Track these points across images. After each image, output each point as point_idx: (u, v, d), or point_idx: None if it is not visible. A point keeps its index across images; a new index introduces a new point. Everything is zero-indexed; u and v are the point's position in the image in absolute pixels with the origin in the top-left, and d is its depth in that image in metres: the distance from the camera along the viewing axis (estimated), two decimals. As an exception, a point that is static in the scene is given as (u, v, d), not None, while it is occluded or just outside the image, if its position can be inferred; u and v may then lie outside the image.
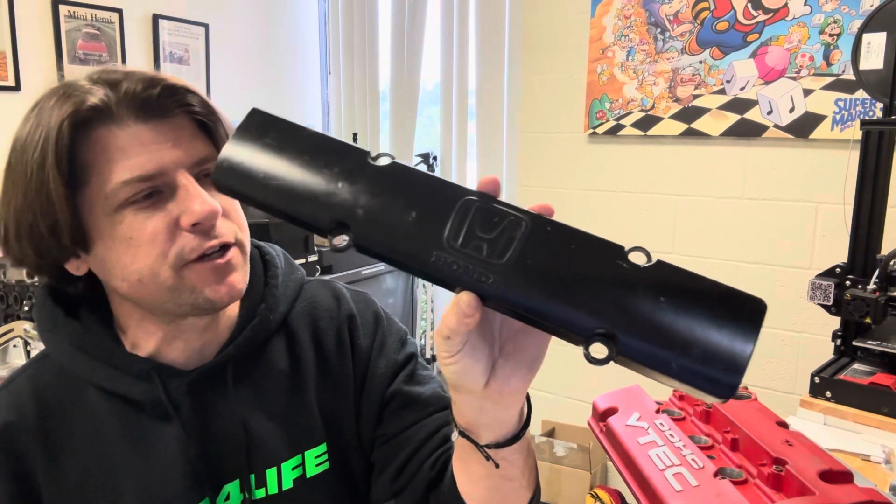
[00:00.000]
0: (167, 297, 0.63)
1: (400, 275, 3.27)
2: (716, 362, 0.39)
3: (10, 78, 2.36)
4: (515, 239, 0.43)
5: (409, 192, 0.46)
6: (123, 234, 0.61)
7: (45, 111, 0.60)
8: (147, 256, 0.61)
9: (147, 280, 0.62)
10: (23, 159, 0.60)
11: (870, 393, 1.13)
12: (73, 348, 0.67)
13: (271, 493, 0.71)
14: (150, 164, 0.61)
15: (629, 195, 2.35)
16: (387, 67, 3.35)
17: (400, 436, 0.75)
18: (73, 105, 0.59)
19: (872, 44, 1.26)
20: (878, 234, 1.26)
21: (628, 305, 0.42)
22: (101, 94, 0.60)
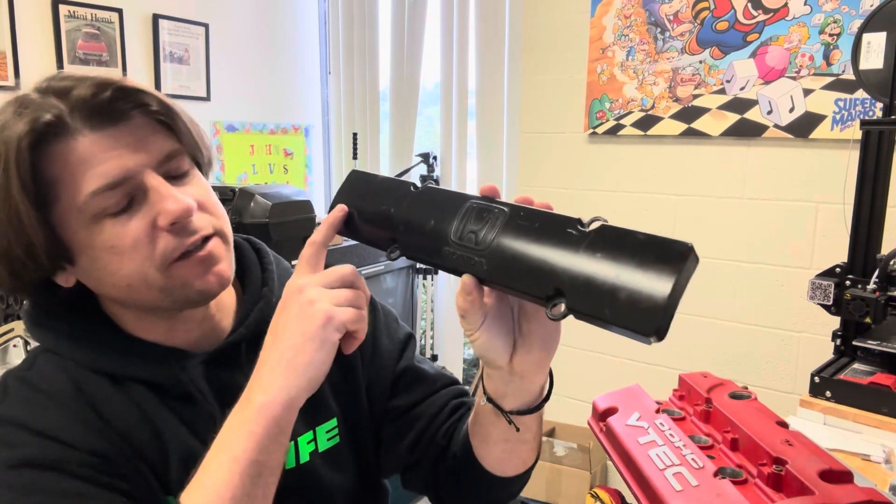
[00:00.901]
0: (160, 296, 0.65)
1: (400, 275, 3.28)
2: (640, 303, 0.44)
3: (10, 78, 2.36)
4: (496, 227, 0.53)
5: (431, 207, 0.58)
6: (105, 243, 0.62)
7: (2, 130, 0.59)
8: (132, 262, 0.62)
9: (137, 284, 0.64)
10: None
11: (870, 393, 1.13)
12: (77, 342, 0.68)
13: (289, 467, 0.74)
14: (114, 171, 0.60)
15: (629, 195, 2.35)
16: (387, 67, 3.36)
17: (412, 410, 0.81)
18: (27, 123, 0.58)
19: (872, 44, 1.26)
20: (878, 234, 1.26)
21: (572, 265, 0.48)
22: (52, 107, 0.59)
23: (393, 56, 3.31)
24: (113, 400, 0.66)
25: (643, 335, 0.44)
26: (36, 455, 0.60)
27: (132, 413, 0.66)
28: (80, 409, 0.64)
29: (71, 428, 0.63)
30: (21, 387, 0.65)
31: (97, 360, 0.67)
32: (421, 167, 3.24)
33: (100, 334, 0.68)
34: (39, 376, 0.66)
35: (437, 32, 3.15)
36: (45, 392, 0.64)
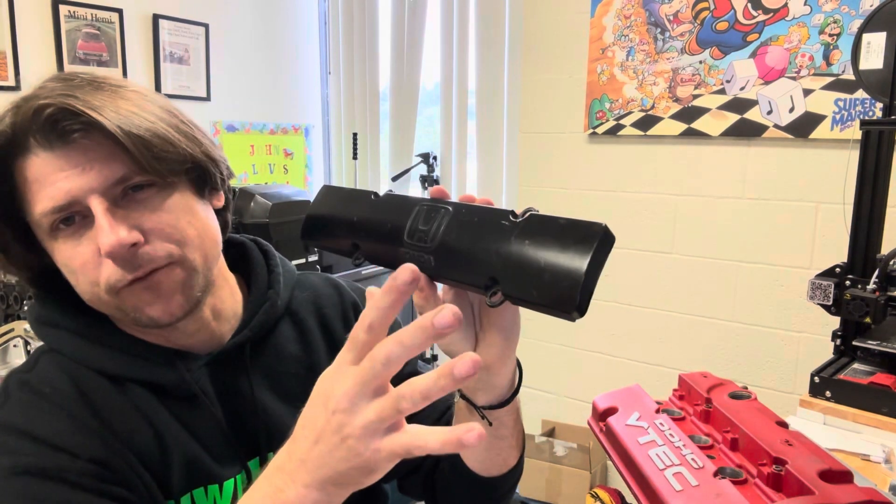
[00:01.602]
0: (120, 314, 0.65)
1: (400, 275, 3.27)
2: (561, 283, 0.46)
3: (10, 78, 2.36)
4: (441, 226, 0.55)
5: (387, 212, 0.60)
6: (60, 260, 0.63)
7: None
8: (84, 283, 0.63)
9: (93, 301, 0.64)
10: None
11: (869, 393, 1.13)
12: (83, 340, 0.67)
13: None
14: (59, 195, 0.59)
15: (629, 195, 2.35)
16: (387, 67, 3.36)
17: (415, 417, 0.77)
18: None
19: (872, 44, 1.26)
20: (877, 234, 1.26)
21: (504, 254, 0.50)
22: (10, 122, 0.60)
23: (393, 56, 3.31)
24: (114, 403, 0.66)
25: (566, 312, 0.46)
26: (37, 463, 0.60)
27: (133, 416, 0.66)
28: (82, 414, 0.64)
29: (72, 435, 0.62)
30: (22, 390, 0.65)
31: (101, 360, 0.67)
32: (421, 167, 3.24)
33: (105, 334, 0.68)
34: (41, 379, 0.66)
35: (437, 32, 3.15)
36: (47, 396, 0.64)
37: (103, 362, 0.67)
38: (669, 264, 2.29)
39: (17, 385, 0.66)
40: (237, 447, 0.72)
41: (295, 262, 2.20)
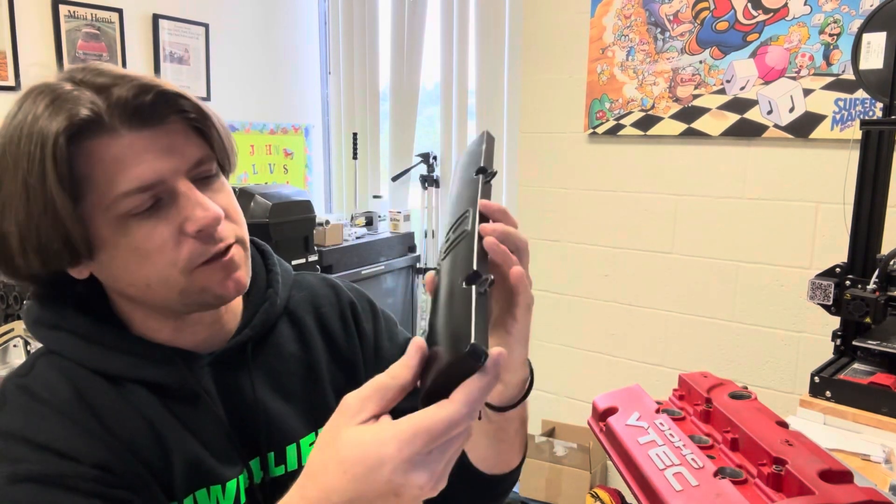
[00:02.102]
0: (176, 298, 0.65)
1: (400, 275, 3.27)
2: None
3: (10, 78, 2.36)
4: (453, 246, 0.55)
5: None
6: (129, 244, 0.62)
7: (34, 121, 0.58)
8: (156, 264, 0.63)
9: (156, 285, 0.64)
10: (17, 175, 0.59)
11: (869, 393, 1.13)
12: (83, 341, 0.67)
13: (290, 469, 0.74)
14: (148, 174, 0.60)
15: (629, 195, 2.35)
16: (387, 67, 3.36)
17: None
18: (66, 119, 0.58)
19: (872, 44, 1.26)
20: (878, 234, 1.26)
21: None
22: (90, 102, 0.59)
23: (393, 56, 3.31)
24: (115, 405, 0.65)
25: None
26: (39, 470, 0.59)
27: (135, 418, 0.66)
28: (83, 418, 0.63)
29: (73, 440, 0.61)
30: (20, 395, 0.64)
31: (102, 360, 0.66)
32: (421, 167, 3.24)
33: (106, 334, 0.68)
34: (39, 383, 0.65)
35: (437, 32, 3.15)
36: (46, 401, 0.63)
37: (104, 363, 0.66)
38: (669, 264, 2.29)
39: (15, 390, 0.64)
40: (239, 447, 0.72)
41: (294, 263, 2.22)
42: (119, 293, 0.68)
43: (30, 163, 0.58)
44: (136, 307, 0.69)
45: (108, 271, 0.65)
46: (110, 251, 0.62)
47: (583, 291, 2.47)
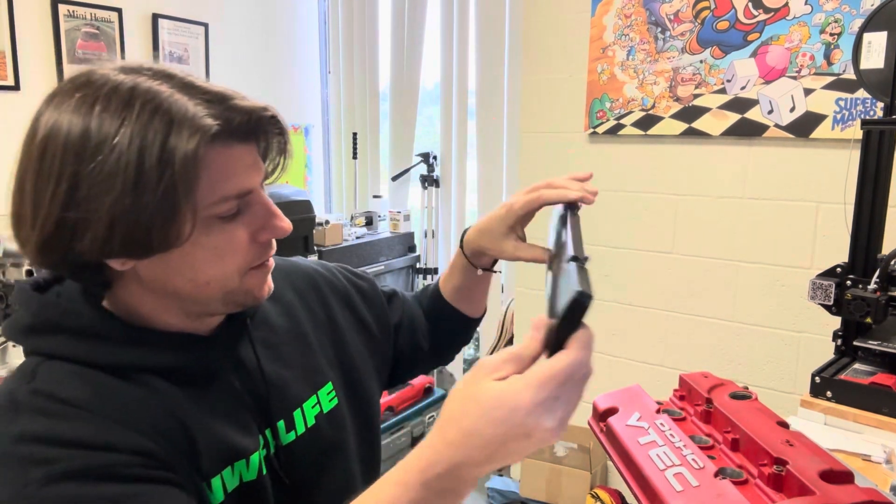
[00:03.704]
0: (220, 298, 0.69)
1: (400, 274, 3.27)
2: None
3: (9, 78, 2.36)
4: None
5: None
6: (210, 243, 0.65)
7: (155, 112, 0.60)
8: (227, 265, 0.67)
9: (215, 283, 0.68)
10: (123, 160, 0.59)
11: (870, 393, 1.13)
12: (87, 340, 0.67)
13: (300, 432, 0.79)
14: (245, 184, 0.66)
15: (629, 195, 2.34)
16: (387, 67, 3.36)
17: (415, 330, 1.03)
18: (199, 128, 0.61)
19: (873, 43, 1.26)
20: (878, 234, 1.26)
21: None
22: (218, 115, 0.63)
23: (393, 56, 3.31)
24: (133, 396, 0.66)
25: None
26: (78, 465, 0.59)
27: (154, 407, 0.66)
28: (107, 410, 0.63)
29: (104, 432, 0.62)
30: (35, 398, 0.63)
31: (110, 355, 0.67)
32: (421, 167, 3.24)
33: (115, 328, 0.68)
34: (52, 384, 0.64)
35: (437, 32, 3.15)
36: (65, 400, 0.62)
37: (114, 357, 0.67)
38: (669, 264, 2.29)
39: (28, 394, 0.63)
40: (255, 419, 0.75)
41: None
42: (158, 288, 0.68)
43: (147, 154, 0.59)
44: (157, 302, 0.69)
45: (165, 265, 0.65)
46: (187, 248, 0.64)
47: (583, 291, 2.47)
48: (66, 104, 0.62)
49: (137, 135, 0.60)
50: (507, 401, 0.51)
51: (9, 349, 1.99)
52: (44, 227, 0.61)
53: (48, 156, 0.61)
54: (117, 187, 0.59)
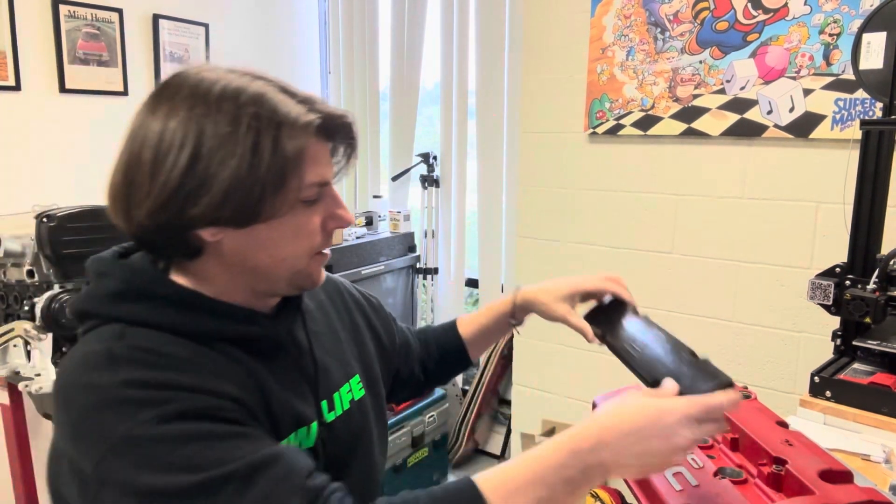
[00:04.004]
0: (287, 278, 0.77)
1: (400, 274, 3.27)
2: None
3: (10, 78, 2.36)
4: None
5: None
6: (291, 222, 0.73)
7: (275, 104, 0.70)
8: (302, 244, 0.75)
9: (290, 261, 0.75)
10: (247, 138, 0.68)
11: (870, 393, 1.13)
12: (173, 307, 0.72)
13: (338, 413, 0.87)
14: (327, 174, 0.76)
15: (629, 195, 2.34)
16: (387, 67, 3.36)
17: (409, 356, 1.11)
18: (307, 115, 0.71)
19: (872, 43, 1.26)
20: (877, 234, 1.26)
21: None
22: (320, 113, 0.73)
23: (393, 56, 3.31)
24: (217, 359, 0.72)
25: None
26: (187, 406, 0.64)
27: (235, 369, 0.73)
28: (201, 363, 0.70)
29: (206, 379, 0.67)
30: (134, 352, 0.67)
31: (194, 323, 0.72)
32: (421, 167, 3.24)
33: (199, 298, 0.74)
34: (147, 342, 0.69)
35: (437, 32, 3.15)
36: (161, 353, 0.68)
37: (197, 325, 0.72)
38: (669, 264, 2.29)
39: (124, 349, 0.68)
40: (312, 392, 0.83)
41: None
42: (237, 263, 0.74)
43: (263, 134, 0.68)
44: (229, 277, 0.76)
45: (253, 239, 0.72)
46: (274, 224, 0.72)
47: (583, 291, 2.47)
48: (197, 73, 0.73)
49: (254, 117, 0.68)
50: (665, 407, 0.65)
51: (9, 349, 1.99)
52: (161, 192, 0.67)
53: (171, 123, 0.68)
54: (236, 160, 0.67)
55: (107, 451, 0.62)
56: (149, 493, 0.60)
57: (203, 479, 0.60)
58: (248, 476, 0.62)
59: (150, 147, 0.68)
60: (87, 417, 0.64)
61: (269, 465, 0.63)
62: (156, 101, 0.71)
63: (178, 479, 0.60)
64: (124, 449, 0.61)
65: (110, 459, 0.61)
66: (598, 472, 0.64)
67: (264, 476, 0.62)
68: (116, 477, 0.61)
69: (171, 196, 0.67)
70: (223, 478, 0.61)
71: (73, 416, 0.66)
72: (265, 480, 0.62)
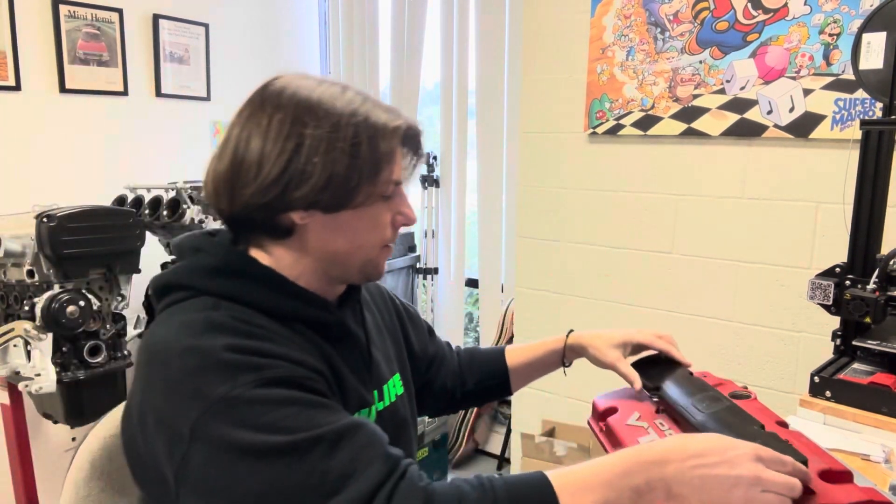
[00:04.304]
0: (359, 265, 0.85)
1: (400, 274, 3.28)
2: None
3: (10, 78, 2.36)
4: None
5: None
6: (371, 214, 0.82)
7: (368, 111, 0.80)
8: (375, 236, 0.84)
9: (365, 249, 0.84)
10: (345, 132, 0.77)
11: (869, 392, 1.13)
12: (262, 287, 0.80)
13: (385, 405, 0.94)
14: (401, 176, 0.86)
15: (629, 195, 2.35)
16: (387, 67, 3.35)
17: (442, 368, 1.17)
18: (398, 122, 0.82)
19: (872, 43, 1.26)
20: (877, 234, 1.26)
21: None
22: (403, 121, 0.83)
23: (393, 56, 3.31)
24: (296, 338, 0.79)
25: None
26: (282, 373, 0.70)
27: (313, 349, 0.80)
28: (289, 337, 0.77)
29: (293, 352, 0.74)
30: (233, 322, 0.74)
31: (278, 303, 0.79)
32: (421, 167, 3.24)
33: (284, 280, 0.82)
34: (242, 314, 0.76)
35: (437, 32, 3.15)
36: (258, 325, 0.75)
37: (280, 305, 0.79)
38: (669, 264, 2.30)
39: (224, 317, 0.74)
40: (369, 380, 0.91)
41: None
42: (319, 247, 0.82)
43: (362, 130, 0.78)
44: (306, 261, 0.83)
45: (336, 226, 0.81)
46: (358, 213, 0.81)
47: (583, 291, 2.47)
48: (293, 81, 0.81)
49: (353, 114, 0.78)
50: (735, 440, 0.67)
51: (9, 349, 1.99)
52: (268, 174, 0.76)
53: (276, 118, 0.77)
54: (337, 153, 0.76)
55: (206, 410, 0.66)
56: (242, 449, 0.64)
57: (295, 439, 0.65)
58: (335, 441, 0.66)
59: (258, 133, 0.77)
60: (187, 377, 0.69)
61: (354, 432, 0.68)
62: (259, 104, 0.80)
63: (271, 439, 0.65)
64: (223, 408, 0.66)
65: (208, 417, 0.66)
66: (660, 488, 0.65)
67: (350, 441, 0.67)
68: (211, 434, 0.65)
69: (278, 179, 0.76)
70: (313, 439, 0.65)
71: (171, 376, 0.70)
72: (350, 445, 0.67)
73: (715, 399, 0.83)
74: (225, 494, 0.65)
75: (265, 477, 0.64)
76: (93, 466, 0.91)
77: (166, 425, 0.68)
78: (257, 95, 0.82)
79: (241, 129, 0.80)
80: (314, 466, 0.64)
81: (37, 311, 1.88)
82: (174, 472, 0.68)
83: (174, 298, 0.80)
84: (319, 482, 0.64)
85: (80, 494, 0.90)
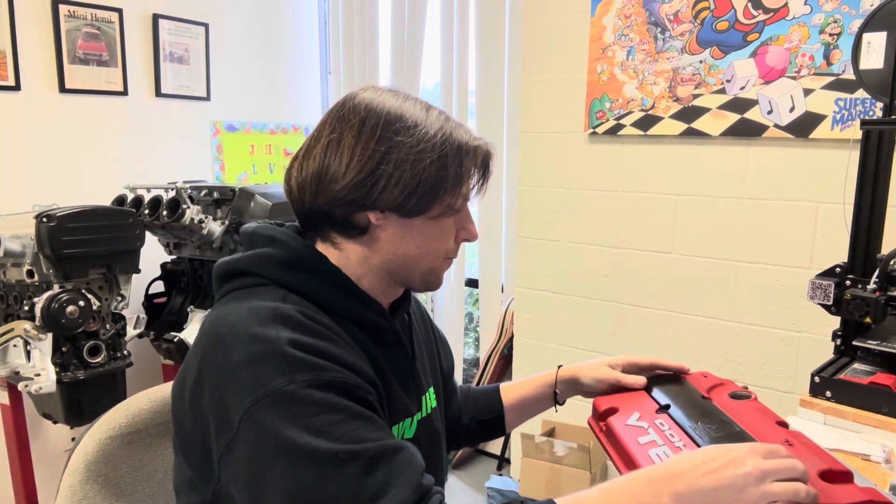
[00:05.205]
0: (422, 273, 0.88)
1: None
2: None
3: (10, 78, 2.36)
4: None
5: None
6: (443, 224, 0.86)
7: (452, 131, 0.85)
8: (440, 246, 0.87)
9: (431, 257, 0.87)
10: (432, 143, 0.82)
11: (870, 393, 1.13)
12: (329, 285, 0.82)
13: (423, 415, 0.95)
14: (470, 193, 0.89)
15: (629, 195, 2.35)
16: (387, 67, 3.35)
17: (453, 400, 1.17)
18: (479, 148, 0.88)
19: (872, 43, 1.26)
20: (878, 234, 1.26)
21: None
22: (482, 143, 0.89)
23: (393, 56, 3.31)
24: (352, 339, 0.80)
25: None
26: (336, 378, 0.71)
27: (363, 351, 0.81)
28: (347, 340, 0.78)
29: (352, 358, 0.75)
30: (299, 317, 0.75)
31: (341, 302, 0.82)
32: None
33: (349, 281, 0.84)
34: (303, 312, 0.77)
35: (437, 32, 3.15)
36: (321, 323, 0.77)
37: (342, 304, 0.82)
38: (669, 264, 2.30)
39: (291, 311, 0.76)
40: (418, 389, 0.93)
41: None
42: (389, 250, 0.85)
43: (448, 143, 0.83)
44: (373, 262, 0.86)
45: (407, 231, 0.84)
46: (429, 222, 0.84)
47: (583, 291, 2.47)
48: (379, 93, 0.85)
49: (441, 129, 0.83)
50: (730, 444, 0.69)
51: (9, 349, 1.99)
52: (357, 174, 0.80)
53: (369, 122, 0.81)
54: (427, 161, 0.81)
55: (258, 399, 0.67)
56: (285, 445, 0.66)
57: (337, 448, 0.66)
58: (374, 460, 0.67)
59: (349, 137, 0.81)
60: (248, 365, 0.70)
61: (393, 455, 0.68)
62: (351, 109, 0.83)
63: (314, 442, 0.66)
64: (274, 401, 0.67)
65: (259, 406, 0.67)
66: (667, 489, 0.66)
67: (387, 464, 0.67)
68: (259, 423, 0.67)
69: (367, 178, 0.79)
70: (353, 454, 0.66)
71: (234, 359, 0.71)
72: (387, 468, 0.67)
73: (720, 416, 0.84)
74: (257, 486, 0.67)
75: (300, 478, 0.65)
76: (88, 469, 0.89)
77: (220, 405, 0.70)
78: (345, 103, 0.85)
79: (331, 130, 0.83)
80: (348, 481, 0.65)
81: (37, 311, 1.88)
82: (219, 455, 0.70)
83: (241, 283, 0.83)
84: (349, 498, 0.65)
85: (76, 499, 0.87)
